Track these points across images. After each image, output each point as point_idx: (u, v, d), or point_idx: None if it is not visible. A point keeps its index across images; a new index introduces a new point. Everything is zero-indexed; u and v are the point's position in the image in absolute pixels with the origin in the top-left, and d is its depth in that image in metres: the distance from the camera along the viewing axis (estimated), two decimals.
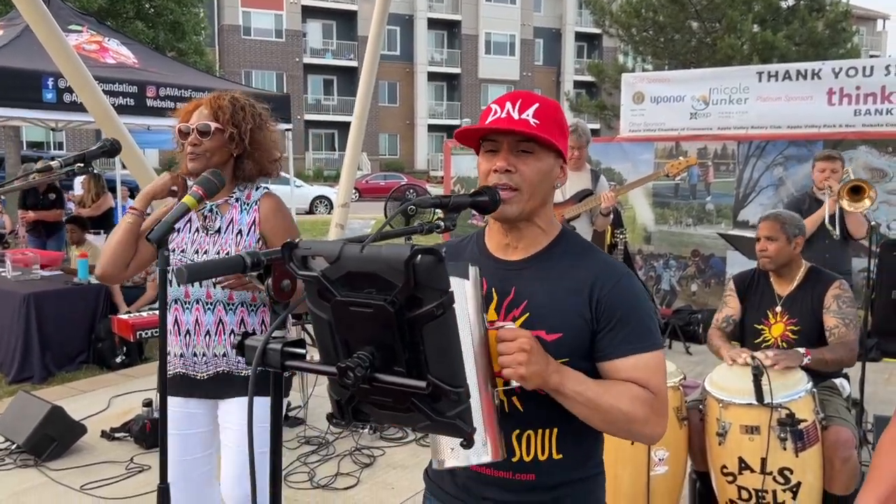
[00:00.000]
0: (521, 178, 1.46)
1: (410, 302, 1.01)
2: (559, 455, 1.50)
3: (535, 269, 1.51)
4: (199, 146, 2.23)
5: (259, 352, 1.07)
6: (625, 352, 1.45)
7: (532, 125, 1.44)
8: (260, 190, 2.38)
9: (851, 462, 2.96)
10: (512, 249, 1.54)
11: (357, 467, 4.05)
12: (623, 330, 1.45)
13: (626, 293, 1.47)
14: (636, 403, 1.42)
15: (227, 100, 2.28)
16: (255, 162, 2.32)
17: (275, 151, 2.36)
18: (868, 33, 45.26)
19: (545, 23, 44.06)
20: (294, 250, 1.08)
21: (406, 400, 1.04)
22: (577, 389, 1.38)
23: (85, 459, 4.18)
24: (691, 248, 7.59)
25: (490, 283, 1.51)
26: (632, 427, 1.43)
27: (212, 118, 2.25)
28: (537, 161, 1.47)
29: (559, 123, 1.50)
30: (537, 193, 1.48)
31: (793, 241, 3.27)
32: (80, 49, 6.89)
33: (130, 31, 16.97)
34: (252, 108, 2.32)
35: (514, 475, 1.50)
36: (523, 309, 1.47)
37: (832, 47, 16.58)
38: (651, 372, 1.46)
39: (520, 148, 1.46)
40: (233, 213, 2.32)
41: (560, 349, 1.43)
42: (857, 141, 6.80)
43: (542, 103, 1.47)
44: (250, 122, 2.27)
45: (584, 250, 1.54)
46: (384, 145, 41.50)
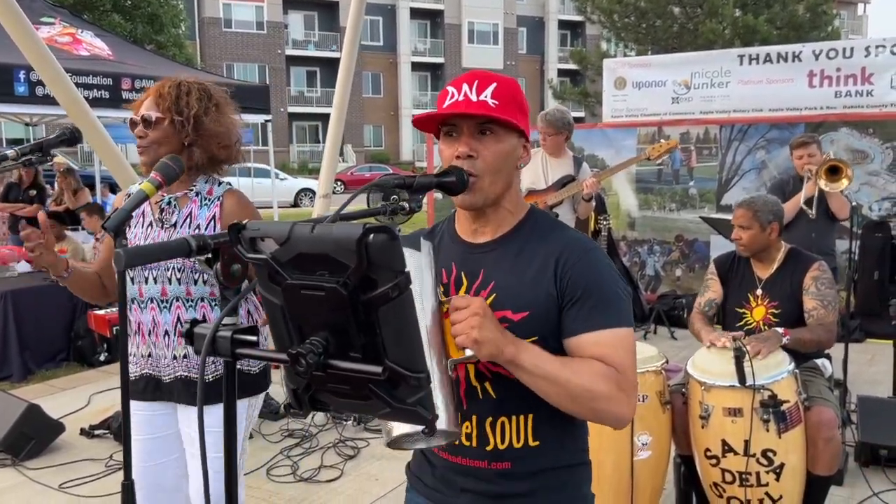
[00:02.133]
0: (483, 162, 1.41)
1: (364, 283, 0.96)
2: (536, 442, 1.46)
3: (502, 251, 1.48)
4: (145, 138, 2.12)
5: (208, 340, 1.02)
6: (587, 327, 1.40)
7: (491, 106, 1.39)
8: (222, 185, 2.25)
9: (834, 442, 2.95)
10: (480, 233, 1.51)
11: (341, 459, 4.01)
12: (586, 304, 1.40)
13: (591, 267, 1.42)
14: (598, 379, 1.35)
15: (169, 86, 2.15)
16: (203, 149, 2.17)
17: (227, 137, 2.21)
18: (849, 17, 45.44)
19: (528, 11, 43.94)
20: (242, 232, 1.02)
21: (364, 387, 1.00)
22: (535, 362, 1.32)
23: (63, 457, 4.12)
24: (675, 234, 7.59)
25: (459, 267, 1.49)
26: (595, 405, 1.36)
27: (154, 107, 2.14)
28: (499, 143, 1.42)
29: (518, 102, 1.45)
30: (500, 176, 1.44)
31: (767, 228, 3.24)
32: (53, 41, 6.77)
33: (107, 23, 16.74)
34: (199, 92, 2.17)
35: (490, 464, 1.46)
36: (490, 290, 1.44)
37: (813, 30, 16.63)
38: (615, 348, 1.39)
39: (480, 130, 1.42)
40: (192, 207, 2.19)
41: (528, 327, 1.39)
42: (838, 123, 6.81)
43: (500, 82, 1.43)
44: (194, 107, 2.13)
45: (551, 228, 1.51)
46: (369, 137, 41.32)
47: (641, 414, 3.02)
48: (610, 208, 7.39)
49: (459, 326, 1.26)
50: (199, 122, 2.14)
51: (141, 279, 2.16)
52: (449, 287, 1.48)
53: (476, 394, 1.45)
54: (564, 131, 4.75)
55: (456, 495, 1.51)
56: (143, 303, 2.16)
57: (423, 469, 1.59)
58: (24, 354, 5.65)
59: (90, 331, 5.80)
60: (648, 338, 6.53)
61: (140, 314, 2.18)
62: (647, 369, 3.06)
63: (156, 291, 2.14)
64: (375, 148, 40.97)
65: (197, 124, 2.14)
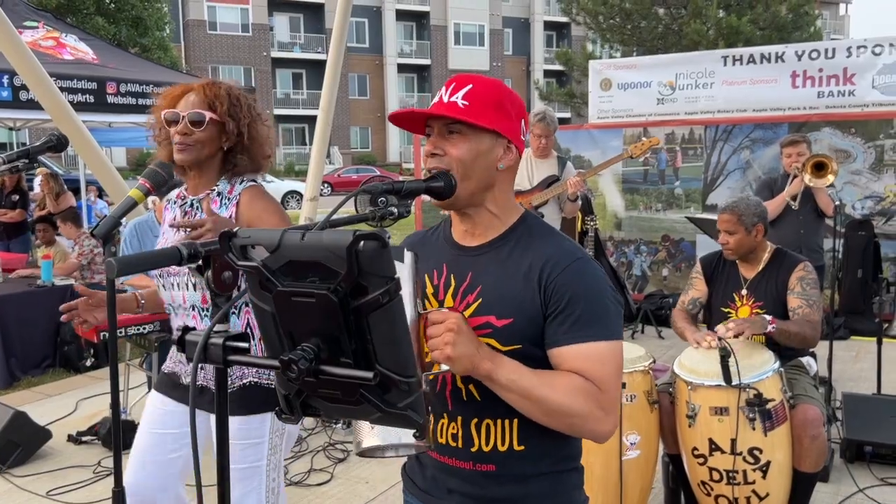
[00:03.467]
0: (448, 159, 1.41)
1: (355, 290, 0.97)
2: (521, 447, 1.45)
3: (491, 255, 1.48)
4: (190, 136, 2.07)
5: (200, 347, 1.02)
6: (570, 339, 1.37)
7: (459, 107, 1.40)
8: (244, 183, 2.21)
9: (820, 439, 2.98)
10: (471, 236, 1.51)
11: (331, 463, 4.01)
12: (571, 316, 1.37)
13: (577, 277, 1.40)
14: (577, 396, 1.33)
15: (223, 89, 2.13)
16: (251, 158, 2.17)
17: (267, 147, 2.22)
18: (831, 17, 45.87)
19: (514, 13, 44.03)
20: (232, 240, 1.03)
21: (355, 392, 1.01)
22: (511, 378, 1.32)
23: (51, 464, 4.09)
24: (661, 234, 7.63)
25: (449, 269, 1.50)
26: (572, 421, 1.35)
27: (206, 107, 2.09)
28: (466, 142, 1.42)
29: (496, 103, 1.44)
30: (471, 174, 1.42)
31: (752, 230, 3.27)
32: (36, 45, 6.72)
33: (91, 27, 16.64)
34: (247, 100, 2.17)
35: (475, 465, 1.46)
36: (476, 294, 1.44)
37: (796, 31, 16.76)
38: (598, 363, 1.37)
39: (449, 130, 1.42)
40: (212, 207, 2.15)
41: (511, 335, 1.40)
42: (821, 123, 6.88)
43: (477, 84, 1.43)
44: (248, 117, 2.13)
45: (541, 234, 1.49)
46: (356, 139, 41.25)
47: (630, 414, 3.04)
48: (596, 209, 7.42)
49: (435, 342, 1.27)
50: (253, 129, 2.14)
51: (170, 285, 2.16)
52: (438, 289, 1.49)
53: (461, 395, 1.45)
54: (555, 132, 4.81)
55: (444, 496, 1.51)
56: (173, 307, 2.18)
57: (415, 470, 1.59)
58: (10, 361, 5.60)
59: (76, 336, 5.75)
60: (636, 337, 6.57)
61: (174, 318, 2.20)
62: (635, 369, 3.08)
63: (196, 299, 2.12)
64: (362, 150, 40.91)
65: (251, 132, 2.14)
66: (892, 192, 6.63)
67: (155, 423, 2.28)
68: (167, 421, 2.28)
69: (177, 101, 2.12)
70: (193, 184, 2.20)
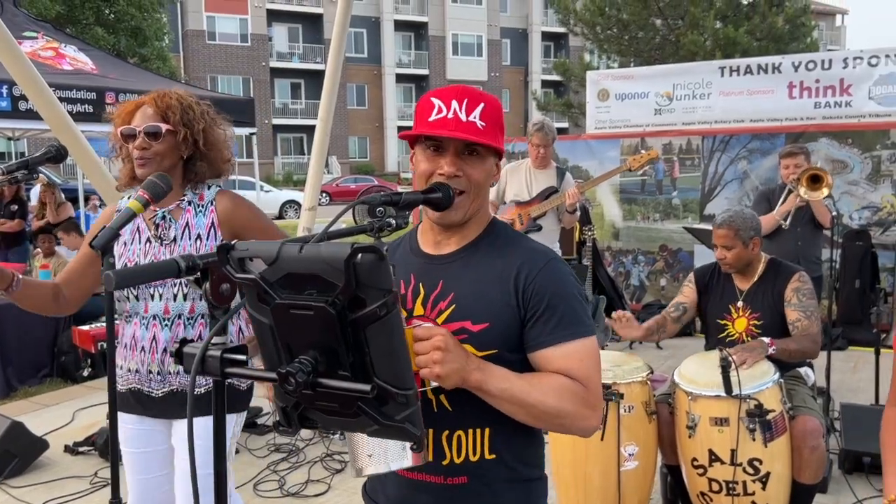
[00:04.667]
0: (468, 181, 1.44)
1: (353, 303, 0.97)
2: (492, 455, 1.45)
3: (462, 262, 1.49)
4: (149, 150, 2.08)
5: (197, 359, 1.02)
6: (553, 340, 1.40)
7: (479, 128, 1.42)
8: (212, 189, 2.23)
9: (819, 451, 2.98)
10: (443, 245, 1.52)
11: (328, 473, 4.00)
12: (552, 318, 1.41)
13: (552, 278, 1.43)
14: (565, 397, 1.37)
15: (174, 98, 2.14)
16: (210, 163, 2.18)
17: (226, 151, 2.23)
18: (827, 28, 46.07)
19: (511, 23, 44.21)
20: (230, 252, 1.03)
21: (352, 405, 1.01)
22: (502, 387, 1.34)
23: (48, 475, 4.07)
24: (659, 244, 7.64)
25: (418, 278, 1.50)
26: (563, 422, 1.40)
27: (160, 119, 2.10)
28: (483, 163, 1.45)
29: (500, 123, 1.49)
30: (481, 194, 1.48)
31: (749, 244, 3.28)
32: (36, 56, 6.74)
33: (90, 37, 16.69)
34: (199, 106, 2.18)
35: (446, 479, 1.45)
36: (449, 301, 1.44)
37: (792, 42, 16.85)
38: (581, 360, 1.41)
39: (467, 150, 1.44)
40: (187, 217, 2.16)
41: (487, 339, 1.40)
42: (818, 133, 6.90)
43: (487, 103, 1.45)
44: (202, 122, 2.13)
45: (511, 239, 1.52)
46: (354, 148, 41.32)
47: (628, 424, 3.04)
48: (594, 219, 7.44)
49: (422, 359, 1.27)
50: (208, 135, 2.15)
51: (146, 296, 2.14)
52: (406, 298, 1.49)
53: (431, 407, 1.42)
54: (553, 142, 4.82)
55: None
56: (145, 319, 2.14)
57: (377, 490, 1.57)
58: (7, 371, 5.58)
59: (74, 346, 5.74)
60: (634, 348, 6.56)
61: (139, 330, 2.16)
62: (633, 380, 3.08)
63: (159, 308, 2.12)
64: (360, 159, 40.97)
65: (206, 138, 2.14)
66: (888, 202, 6.64)
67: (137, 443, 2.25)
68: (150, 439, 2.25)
69: (131, 117, 2.14)
70: None
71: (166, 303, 2.12)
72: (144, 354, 2.16)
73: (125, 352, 2.20)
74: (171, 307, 2.13)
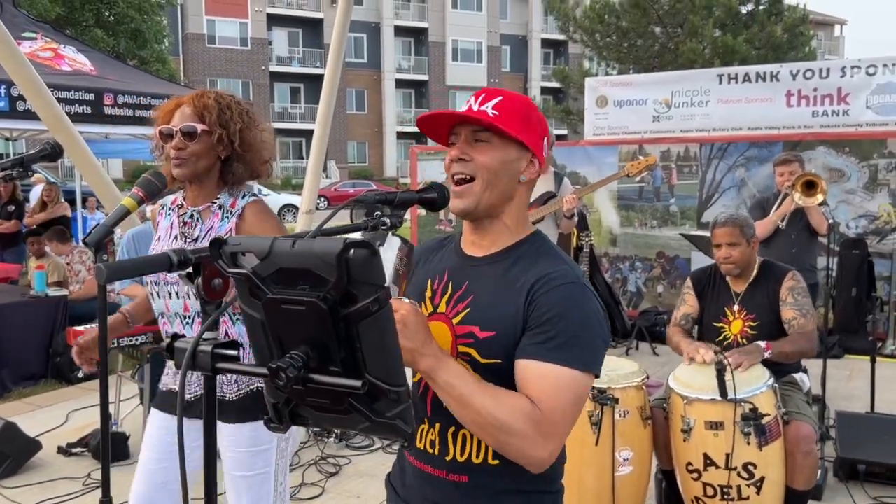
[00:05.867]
0: (475, 165, 1.41)
1: (345, 298, 0.97)
2: (495, 461, 1.42)
3: (491, 267, 1.47)
4: (185, 150, 2.05)
5: (188, 354, 1.02)
6: (535, 355, 1.33)
7: (489, 115, 1.41)
8: (247, 197, 2.19)
9: (812, 456, 2.98)
10: (478, 246, 1.51)
11: (322, 477, 3.98)
12: (545, 334, 1.34)
13: (563, 299, 1.36)
14: (516, 415, 1.28)
15: (212, 98, 2.10)
16: (247, 164, 2.14)
17: (265, 152, 2.18)
18: (826, 38, 46.26)
19: (511, 30, 44.34)
20: (223, 247, 1.03)
21: (343, 401, 1.00)
22: (451, 381, 1.28)
23: (41, 476, 4.05)
24: (656, 250, 7.65)
25: (450, 275, 1.50)
26: (508, 439, 1.29)
27: (197, 119, 2.06)
28: (494, 150, 1.42)
29: (524, 116, 1.45)
30: (496, 184, 1.43)
31: (751, 243, 3.31)
32: (35, 56, 6.73)
33: (90, 39, 16.71)
34: (238, 106, 2.13)
35: (448, 475, 1.45)
36: (467, 304, 1.45)
37: (791, 51, 16.94)
38: (552, 388, 1.31)
39: (476, 138, 1.43)
40: (213, 220, 2.15)
41: (491, 348, 1.39)
42: (815, 142, 6.92)
43: (507, 97, 1.44)
44: (239, 122, 2.09)
45: (544, 254, 1.47)
46: (353, 153, 41.37)
47: (623, 430, 3.04)
48: (592, 225, 7.44)
49: None
50: (244, 136, 2.11)
51: (165, 294, 2.13)
52: (436, 293, 1.50)
53: (440, 403, 1.38)
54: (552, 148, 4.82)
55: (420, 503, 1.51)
56: (171, 317, 2.14)
57: (397, 477, 1.59)
58: (1, 372, 5.56)
59: (68, 347, 5.69)
60: (630, 353, 6.56)
61: (168, 328, 2.16)
62: (629, 385, 3.08)
63: (179, 307, 2.11)
64: (359, 164, 41.01)
65: (242, 139, 2.10)
66: (885, 211, 6.66)
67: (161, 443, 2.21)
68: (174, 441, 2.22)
69: (171, 116, 2.11)
70: (193, 195, 2.18)
71: (185, 300, 2.11)
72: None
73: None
74: (189, 305, 2.11)
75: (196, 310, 2.13)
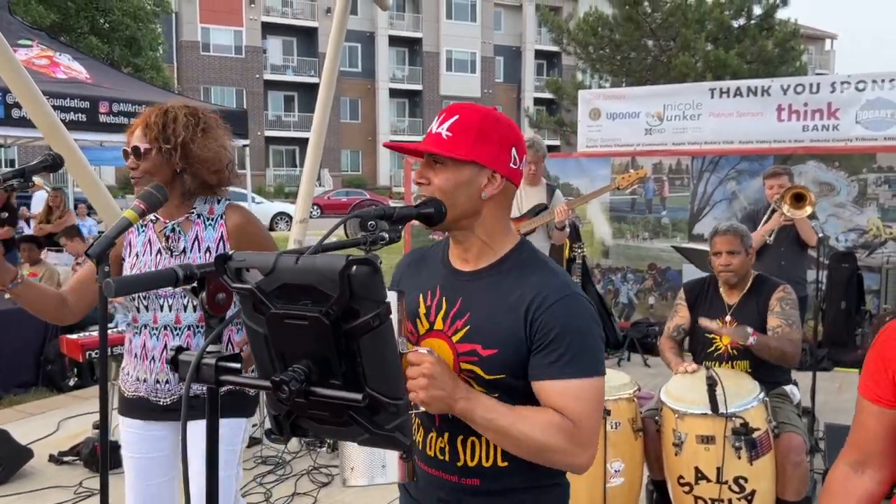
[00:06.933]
0: (432, 188, 1.46)
1: (346, 313, 0.99)
2: (504, 463, 1.48)
3: (483, 283, 1.50)
4: (137, 168, 2.12)
5: (192, 367, 1.04)
6: (552, 375, 1.40)
7: (442, 139, 1.45)
8: (223, 202, 2.25)
9: (802, 467, 3.01)
10: (465, 261, 1.54)
11: (314, 486, 3.98)
12: (555, 352, 1.40)
13: (563, 315, 1.41)
14: (552, 432, 1.38)
15: (156, 115, 2.14)
16: (193, 175, 2.16)
17: (216, 161, 2.18)
18: (817, 52, 46.64)
19: (505, 41, 44.53)
20: (228, 262, 1.05)
21: (344, 413, 1.02)
22: (488, 417, 1.36)
23: (32, 484, 4.04)
24: (648, 262, 7.69)
25: (442, 291, 1.53)
26: (549, 456, 1.40)
27: (143, 136, 2.13)
28: (447, 172, 1.45)
29: (479, 134, 1.45)
30: (454, 203, 1.45)
31: (750, 252, 3.36)
32: (30, 64, 6.74)
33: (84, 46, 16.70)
34: (186, 117, 2.15)
35: (460, 479, 1.50)
36: (465, 321, 1.47)
37: (782, 65, 17.06)
38: (578, 400, 1.40)
39: (434, 159, 1.47)
40: (196, 230, 2.19)
41: (494, 365, 1.43)
42: (805, 156, 6.98)
43: (464, 115, 1.47)
44: (181, 134, 2.11)
45: (534, 266, 1.50)
46: (346, 161, 41.39)
47: (614, 441, 3.06)
48: (584, 237, 7.47)
49: (411, 384, 1.31)
50: (187, 148, 2.12)
51: (156, 307, 2.16)
52: (430, 309, 1.52)
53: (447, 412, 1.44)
54: (543, 159, 4.87)
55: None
56: (155, 329, 2.16)
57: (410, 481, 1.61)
58: None
59: (61, 355, 5.70)
60: (622, 365, 6.59)
61: (149, 340, 2.18)
62: (620, 396, 3.11)
63: (170, 319, 2.15)
64: (353, 172, 41.02)
65: (185, 151, 2.12)
66: (874, 225, 6.72)
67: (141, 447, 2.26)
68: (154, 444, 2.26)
69: (131, 135, 2.17)
70: (166, 209, 2.19)
71: (177, 313, 2.15)
72: (154, 364, 2.18)
73: (134, 361, 2.23)
74: (182, 317, 2.16)
75: (188, 322, 2.16)
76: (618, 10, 17.51)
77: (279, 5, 39.70)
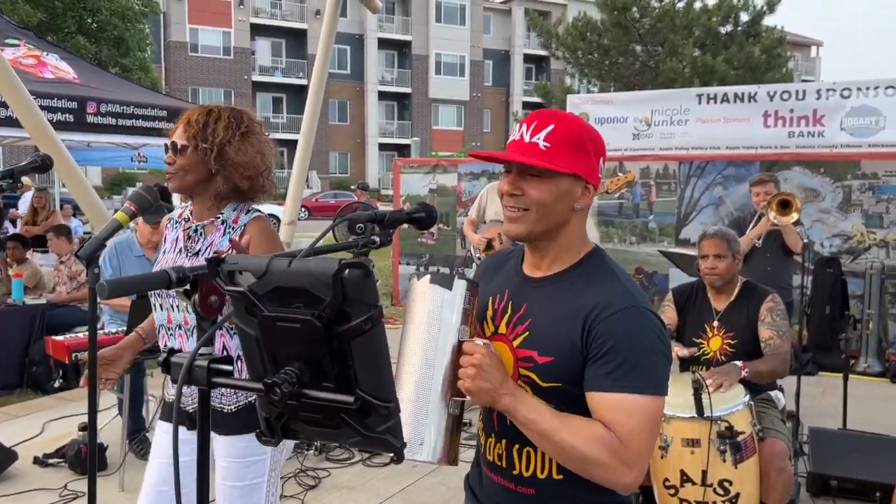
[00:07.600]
0: (528, 199, 1.42)
1: (339, 316, 1.00)
2: (559, 476, 1.45)
3: (549, 289, 1.48)
4: (174, 164, 2.10)
5: (185, 369, 1.05)
6: (604, 387, 1.35)
7: (540, 149, 1.40)
8: (251, 213, 2.20)
9: (786, 473, 3.03)
10: (536, 267, 1.52)
11: (301, 489, 3.97)
12: (609, 364, 1.35)
13: (622, 326, 1.36)
14: (596, 445, 1.32)
15: (199, 113, 2.12)
16: (226, 178, 2.12)
17: (251, 167, 2.14)
18: (803, 59, 47.10)
19: (494, 45, 44.67)
20: (221, 265, 1.06)
21: (335, 416, 1.03)
22: (531, 417, 1.34)
23: (16, 487, 4.01)
24: (635, 266, 7.73)
25: (510, 296, 1.52)
26: (590, 469, 1.34)
27: (183, 133, 2.11)
28: (545, 183, 1.41)
29: (578, 144, 1.43)
30: (549, 214, 1.43)
31: (737, 257, 3.39)
32: (17, 63, 6.69)
33: (72, 46, 16.60)
34: (228, 119, 2.13)
35: (517, 487, 1.49)
36: (526, 327, 1.46)
37: (768, 71, 17.23)
38: (628, 416, 1.34)
39: (527, 171, 1.42)
40: (215, 235, 2.17)
41: (550, 373, 1.41)
42: (791, 162, 7.06)
43: (559, 124, 1.42)
44: (220, 135, 2.09)
45: (600, 275, 1.46)
46: (335, 164, 41.34)
47: None
48: None
49: (460, 371, 1.33)
50: (223, 150, 2.10)
51: (168, 306, 2.15)
52: (496, 313, 1.51)
53: (506, 419, 1.43)
54: None
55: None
56: (170, 329, 2.16)
57: (476, 480, 1.63)
58: None
59: (46, 357, 5.66)
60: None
61: (168, 340, 2.17)
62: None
63: (181, 319, 2.13)
64: (341, 174, 40.98)
65: (220, 153, 2.10)
66: (859, 230, 6.80)
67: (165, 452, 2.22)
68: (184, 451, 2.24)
69: (176, 129, 2.15)
70: (197, 209, 2.21)
71: (185, 313, 2.14)
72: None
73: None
74: (189, 318, 2.13)
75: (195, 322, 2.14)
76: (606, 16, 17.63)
77: (268, 7, 39.64)
